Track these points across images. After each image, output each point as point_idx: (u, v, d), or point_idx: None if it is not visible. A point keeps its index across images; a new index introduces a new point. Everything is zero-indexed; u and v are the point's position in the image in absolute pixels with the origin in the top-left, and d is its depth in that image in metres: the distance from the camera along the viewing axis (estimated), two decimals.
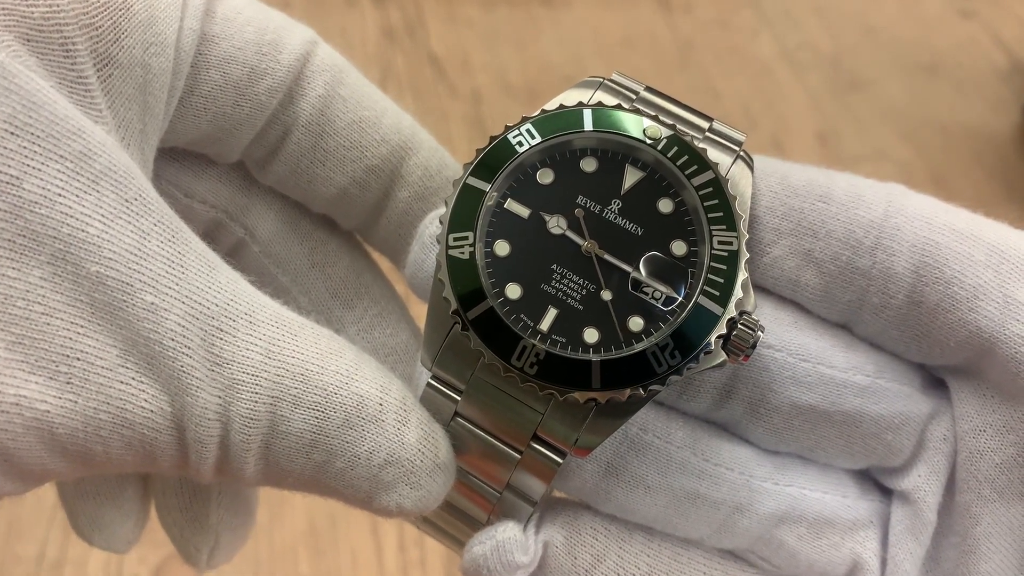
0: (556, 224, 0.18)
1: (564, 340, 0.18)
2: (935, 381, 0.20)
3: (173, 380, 0.14)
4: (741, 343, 0.17)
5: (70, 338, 0.14)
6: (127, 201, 0.14)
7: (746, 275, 0.18)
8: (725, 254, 0.18)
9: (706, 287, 0.18)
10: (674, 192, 0.19)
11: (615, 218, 0.18)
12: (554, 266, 0.18)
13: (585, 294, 0.18)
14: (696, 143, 0.19)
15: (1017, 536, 0.18)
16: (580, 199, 0.18)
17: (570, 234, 0.18)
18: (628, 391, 0.17)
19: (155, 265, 0.14)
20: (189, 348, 0.15)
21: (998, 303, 0.18)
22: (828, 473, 0.20)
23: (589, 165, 0.19)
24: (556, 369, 0.17)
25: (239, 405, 0.15)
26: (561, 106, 0.19)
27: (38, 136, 0.13)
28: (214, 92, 0.18)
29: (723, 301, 0.18)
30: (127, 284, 0.14)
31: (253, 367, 0.15)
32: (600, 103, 0.19)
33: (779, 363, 0.19)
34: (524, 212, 0.18)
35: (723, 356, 0.18)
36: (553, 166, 0.19)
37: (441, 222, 0.18)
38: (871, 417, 0.19)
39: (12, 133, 0.13)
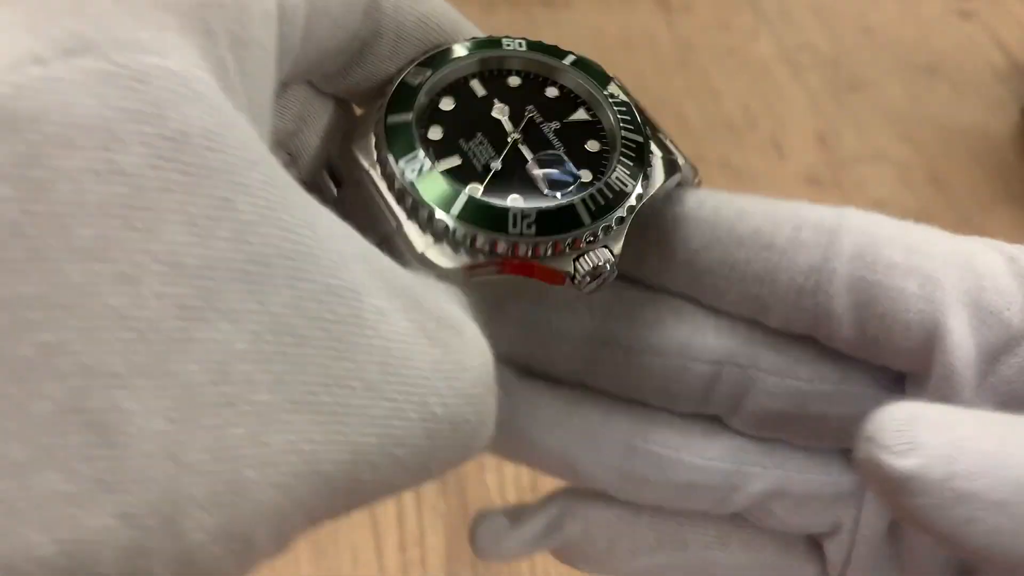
0: (500, 111, 0.19)
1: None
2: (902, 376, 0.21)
3: (432, 378, 0.13)
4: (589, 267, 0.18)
5: (325, 364, 0.12)
6: (311, 203, 0.13)
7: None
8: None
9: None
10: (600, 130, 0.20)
11: (549, 133, 0.19)
12: (479, 134, 0.19)
13: (488, 164, 0.18)
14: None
15: None
16: (530, 107, 0.19)
17: (506, 121, 0.19)
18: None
19: (360, 266, 0.13)
20: (426, 340, 0.13)
21: (926, 335, 0.19)
22: (813, 453, 0.22)
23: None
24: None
25: (488, 357, 0.15)
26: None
27: (236, 149, 0.12)
28: (323, 34, 0.17)
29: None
30: (355, 292, 0.12)
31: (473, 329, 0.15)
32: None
33: (749, 378, 0.21)
34: (481, 92, 0.19)
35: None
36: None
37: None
38: (837, 416, 0.21)
39: (211, 149, 0.11)
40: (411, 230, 0.17)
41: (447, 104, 0.19)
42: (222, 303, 0.11)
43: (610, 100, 0.20)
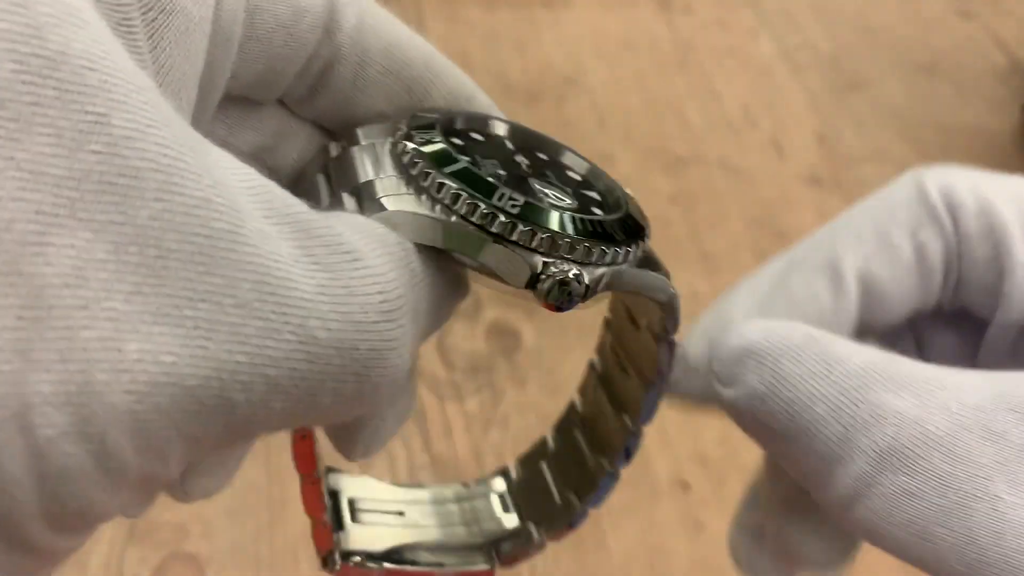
0: (520, 158, 0.19)
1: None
2: None
3: (315, 300, 0.13)
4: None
5: (191, 278, 0.12)
6: (198, 137, 0.13)
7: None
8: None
9: None
10: None
11: (561, 184, 0.19)
12: (495, 160, 0.18)
13: (494, 171, 0.18)
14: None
15: None
16: (548, 170, 0.19)
17: (524, 163, 0.19)
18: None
19: (246, 194, 0.13)
20: (313, 265, 0.13)
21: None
22: None
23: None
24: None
25: (393, 285, 0.14)
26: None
27: (118, 72, 0.12)
28: (268, 35, 0.17)
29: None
30: (235, 211, 0.13)
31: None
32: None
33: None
34: (508, 145, 0.19)
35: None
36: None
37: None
38: None
39: (91, 69, 0.12)
40: (389, 182, 0.17)
41: (474, 134, 0.19)
42: (84, 213, 0.12)
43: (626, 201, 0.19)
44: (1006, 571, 0.16)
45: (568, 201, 0.18)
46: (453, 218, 0.16)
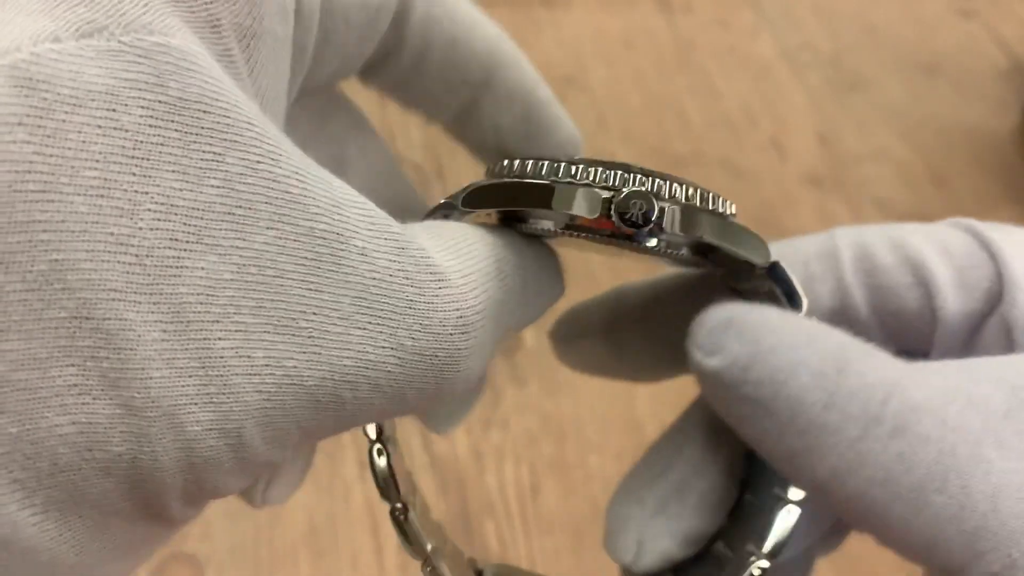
0: None
1: None
2: None
3: (404, 313, 0.15)
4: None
5: (303, 295, 0.14)
6: (303, 156, 0.15)
7: None
8: None
9: None
10: None
11: None
12: None
13: None
14: None
15: None
16: None
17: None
18: None
19: (351, 211, 0.15)
20: (405, 281, 0.15)
21: (928, 317, 0.21)
22: None
23: None
24: None
25: (472, 302, 0.16)
26: None
27: (229, 112, 0.14)
28: (342, 39, 0.18)
29: None
30: (339, 235, 0.15)
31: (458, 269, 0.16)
32: None
33: None
34: None
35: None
36: None
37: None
38: None
39: (206, 112, 0.13)
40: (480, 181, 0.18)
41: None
42: (210, 239, 0.13)
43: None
44: (1003, 538, 0.16)
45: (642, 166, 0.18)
46: (526, 180, 0.17)
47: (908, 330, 0.21)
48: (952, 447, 0.16)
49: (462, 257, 0.17)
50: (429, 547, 0.21)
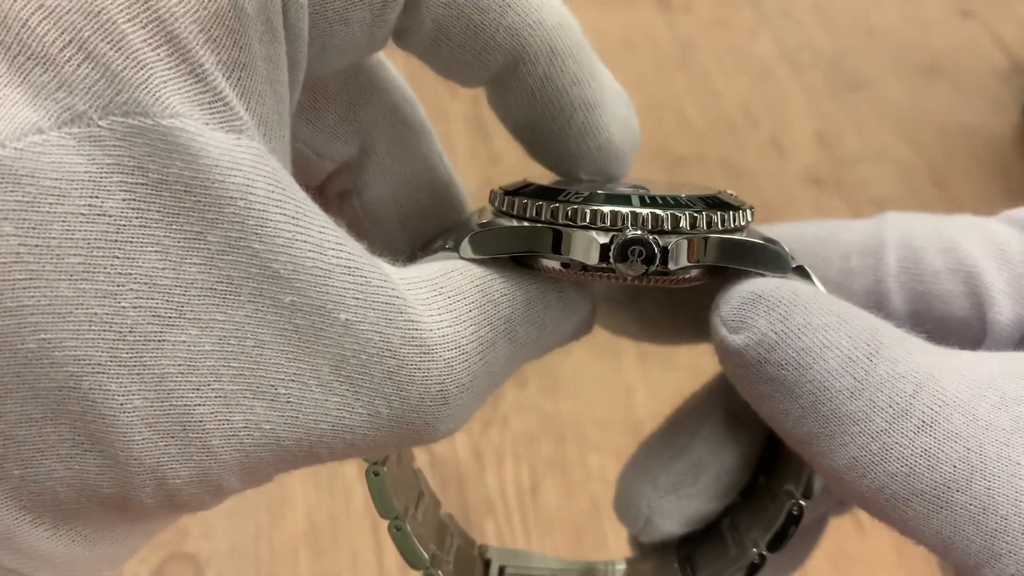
0: None
1: None
2: None
3: (383, 384, 0.15)
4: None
5: (282, 363, 0.15)
6: (294, 218, 0.15)
7: None
8: None
9: None
10: None
11: None
12: None
13: None
14: None
15: None
16: None
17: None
18: None
19: (339, 281, 0.15)
20: (387, 353, 0.15)
21: (977, 321, 0.21)
22: None
23: None
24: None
25: (457, 375, 0.16)
26: None
27: (210, 191, 0.14)
28: (344, 39, 0.18)
29: None
30: (321, 308, 0.15)
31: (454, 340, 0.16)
32: None
33: None
34: None
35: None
36: None
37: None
38: None
39: (186, 192, 0.14)
40: (484, 215, 0.18)
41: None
42: (191, 313, 0.14)
43: None
44: (1023, 541, 0.15)
45: (648, 189, 0.18)
46: (525, 223, 0.17)
47: (951, 333, 0.20)
48: (980, 446, 0.16)
49: (463, 323, 0.16)
50: (428, 556, 0.21)
